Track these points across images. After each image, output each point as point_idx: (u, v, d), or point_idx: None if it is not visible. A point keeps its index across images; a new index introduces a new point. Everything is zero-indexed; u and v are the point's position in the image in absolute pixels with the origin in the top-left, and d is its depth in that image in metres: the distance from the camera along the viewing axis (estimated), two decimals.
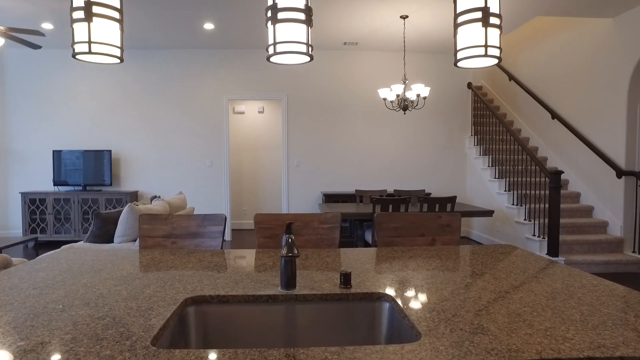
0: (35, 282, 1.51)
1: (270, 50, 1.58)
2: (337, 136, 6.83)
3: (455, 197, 4.61)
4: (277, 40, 1.55)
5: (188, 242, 2.20)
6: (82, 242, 3.69)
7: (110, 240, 3.63)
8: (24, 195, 6.16)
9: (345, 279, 1.45)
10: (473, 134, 6.88)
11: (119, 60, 1.66)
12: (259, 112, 7.74)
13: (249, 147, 7.78)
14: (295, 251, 1.29)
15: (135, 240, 3.57)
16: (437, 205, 4.58)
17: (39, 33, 4.58)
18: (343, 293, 1.39)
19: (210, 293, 1.37)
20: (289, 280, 1.41)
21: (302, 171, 6.74)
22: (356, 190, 5.72)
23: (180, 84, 6.59)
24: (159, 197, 4.72)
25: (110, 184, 6.32)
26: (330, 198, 6.37)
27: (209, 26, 5.66)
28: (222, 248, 2.17)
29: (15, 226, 6.59)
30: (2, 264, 3.19)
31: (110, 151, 6.28)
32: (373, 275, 1.58)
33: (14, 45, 6.39)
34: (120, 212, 3.71)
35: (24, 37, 5.87)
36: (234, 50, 6.61)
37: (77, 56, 1.61)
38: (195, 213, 6.43)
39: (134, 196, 6.29)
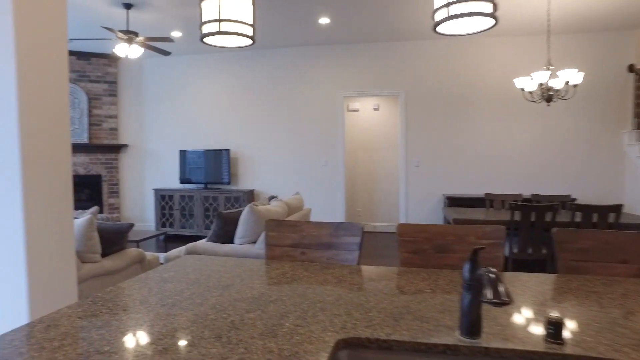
0: (163, 296, 1.34)
1: (442, 14, 1.19)
2: (461, 133, 6.17)
3: (621, 205, 3.73)
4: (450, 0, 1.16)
5: (319, 253, 1.92)
6: (204, 240, 3.71)
7: (230, 240, 3.59)
8: (156, 191, 6.67)
9: (555, 330, 1.00)
10: (635, 127, 5.68)
11: (250, 41, 1.42)
12: (374, 109, 7.40)
13: (364, 146, 7.48)
14: (506, 296, 0.88)
15: (254, 242, 3.46)
16: (596, 215, 3.76)
17: (169, 39, 4.80)
18: (556, 353, 0.95)
19: (367, 335, 1.04)
20: (473, 325, 1.02)
21: (422, 171, 6.23)
22: (486, 194, 5.04)
23: (295, 82, 6.55)
24: (276, 197, 4.64)
25: (229, 183, 6.52)
26: (453, 201, 5.77)
27: (324, 20, 5.47)
28: (358, 263, 1.85)
29: (149, 219, 7.19)
30: (138, 259, 3.30)
31: (228, 150, 6.48)
32: (586, 323, 1.11)
33: (150, 56, 6.95)
34: (240, 212, 3.65)
35: (157, 45, 6.32)
36: (350, 45, 6.36)
37: (205, 39, 1.40)
38: (311, 214, 6.32)
39: (250, 195, 6.41)
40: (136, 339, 1.03)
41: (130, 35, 4.72)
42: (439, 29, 1.25)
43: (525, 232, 3.76)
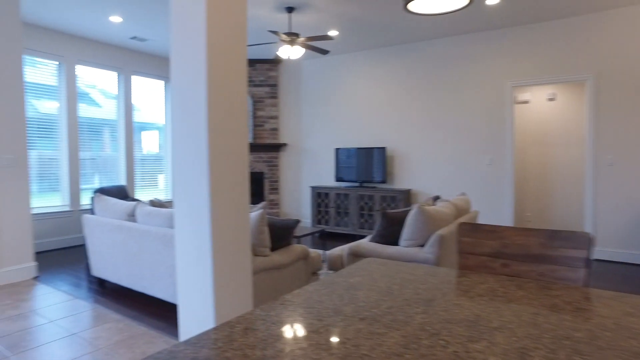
0: (357, 306, 1.16)
1: None
2: None
3: None
4: None
5: (527, 267, 1.54)
6: (366, 240, 3.57)
7: (394, 241, 3.37)
8: (313, 189, 6.89)
9: None
10: None
11: (467, 2, 1.14)
12: (549, 99, 6.39)
13: (535, 141, 6.53)
14: None
15: (422, 245, 3.18)
16: None
17: (328, 37, 4.83)
18: None
19: None
20: None
21: (616, 172, 5.11)
22: None
23: (455, 75, 6.03)
24: (440, 197, 4.26)
25: (384, 182, 6.35)
26: None
27: (492, 1, 4.86)
28: (586, 285, 1.42)
29: (305, 216, 7.50)
30: (303, 255, 3.31)
31: (384, 148, 6.31)
32: None
33: (308, 57, 7.23)
34: (406, 213, 3.40)
35: (317, 45, 6.50)
36: (520, 27, 5.57)
37: (409, 5, 1.17)
38: (478, 217, 5.75)
39: (406, 194, 6.13)
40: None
41: (292, 36, 4.89)
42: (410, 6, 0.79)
43: None
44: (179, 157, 2.33)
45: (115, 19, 5.27)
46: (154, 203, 3.72)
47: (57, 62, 5.84)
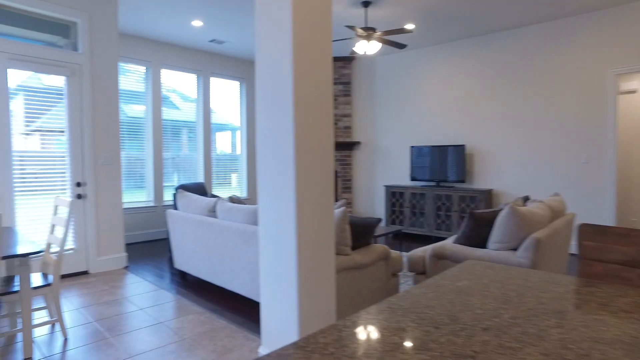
0: (474, 314, 1.01)
1: None
2: None
3: None
4: None
5: None
6: (451, 241, 3.34)
7: (481, 243, 3.12)
8: (387, 188, 6.71)
9: None
10: None
11: None
12: None
13: None
14: None
15: (514, 249, 2.90)
16: None
17: (406, 30, 4.63)
18: None
19: None
20: None
21: None
22: None
23: (543, 65, 5.53)
24: (529, 197, 3.91)
25: (463, 181, 6.00)
26: None
27: None
28: None
29: (379, 215, 7.33)
30: (384, 255, 3.18)
31: (463, 146, 5.96)
32: None
33: (382, 53, 7.06)
34: (495, 213, 3.14)
35: (394, 39, 6.32)
36: (623, 7, 4.96)
37: None
38: (574, 220, 5.24)
39: (488, 194, 5.74)
40: None
41: (369, 31, 4.77)
42: None
43: None
44: (264, 154, 2.31)
45: (197, 23, 5.49)
46: (233, 199, 3.79)
47: (145, 67, 6.22)
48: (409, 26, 5.68)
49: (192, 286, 4.07)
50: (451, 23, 5.57)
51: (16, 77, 4.06)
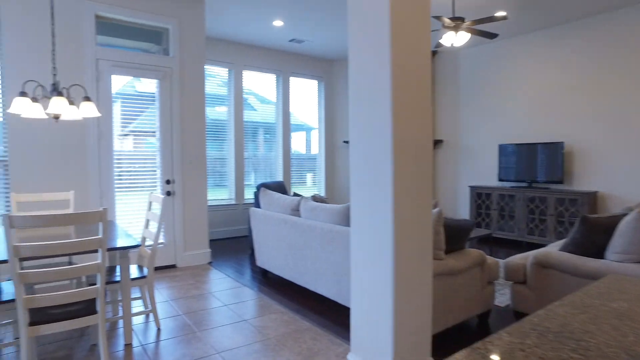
0: None
1: None
2: None
3: None
4: None
5: None
6: (554, 248, 2.98)
7: (596, 253, 2.73)
8: (472, 188, 6.29)
9: None
10: None
11: None
12: None
13: None
14: None
15: None
16: None
17: (496, 18, 4.26)
18: None
19: None
20: None
21: None
22: None
23: None
24: None
25: (561, 182, 5.43)
26: None
27: None
28: None
29: (462, 217, 6.92)
30: (479, 261, 2.92)
31: (561, 143, 5.39)
32: None
33: (468, 46, 6.64)
34: (614, 219, 2.73)
35: (483, 28, 5.91)
36: None
37: None
38: None
39: (592, 197, 5.12)
40: None
41: (457, 21, 4.46)
42: None
43: None
44: (358, 153, 2.18)
45: (277, 23, 5.54)
46: (316, 198, 3.72)
47: (227, 69, 6.43)
48: (500, 14, 5.26)
49: (273, 285, 4.07)
50: (548, 7, 5.06)
51: (114, 84, 4.35)
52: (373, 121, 2.09)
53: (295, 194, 4.62)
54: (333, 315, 3.27)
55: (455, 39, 4.58)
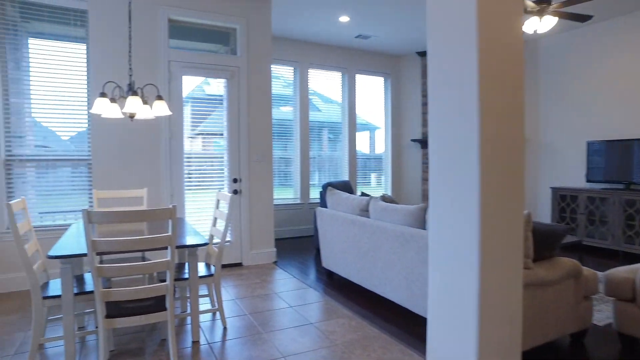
0: None
1: None
2: None
3: None
4: None
5: None
6: None
7: None
8: (554, 190, 5.73)
9: None
10: None
11: None
12: None
13: None
14: None
15: None
16: None
17: None
18: None
19: None
20: None
21: None
22: None
23: None
24: None
25: None
26: None
27: None
28: None
29: (543, 222, 6.33)
30: (573, 272, 2.57)
31: None
32: None
33: (548, 32, 6.07)
34: None
35: (572, 10, 5.36)
36: None
37: None
38: None
39: None
40: None
41: (542, 4, 4.04)
42: None
43: None
44: (438, 150, 1.98)
45: (343, 18, 5.41)
46: (386, 199, 3.53)
47: (292, 68, 6.41)
48: None
49: (339, 287, 3.94)
50: None
51: (185, 88, 4.46)
52: (456, 116, 1.87)
53: (363, 194, 4.45)
54: (403, 323, 3.07)
55: (539, 24, 4.17)
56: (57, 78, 3.93)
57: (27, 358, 2.53)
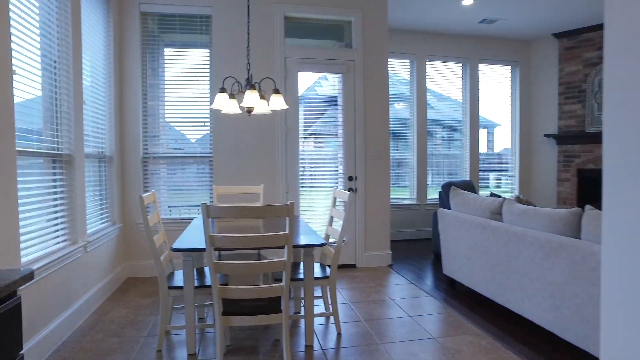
0: None
1: None
2: None
3: None
4: None
5: None
6: None
7: None
8: None
9: None
10: None
11: None
12: None
13: None
14: None
15: None
16: None
17: None
18: None
19: None
20: None
21: None
22: None
23: None
24: None
25: None
26: None
27: None
28: None
29: None
30: None
31: None
32: None
33: None
34: None
35: None
36: None
37: None
38: None
39: None
40: None
41: None
42: None
43: None
44: (620, 140, 1.52)
45: (467, 1, 4.91)
46: (521, 200, 3.03)
47: (408, 61, 6.06)
48: None
49: (462, 298, 3.52)
50: None
51: (299, 87, 4.43)
52: None
53: (493, 194, 3.94)
54: (548, 350, 2.56)
55: None
56: (185, 82, 4.20)
57: (156, 341, 2.66)
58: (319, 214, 4.47)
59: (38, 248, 2.53)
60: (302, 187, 4.43)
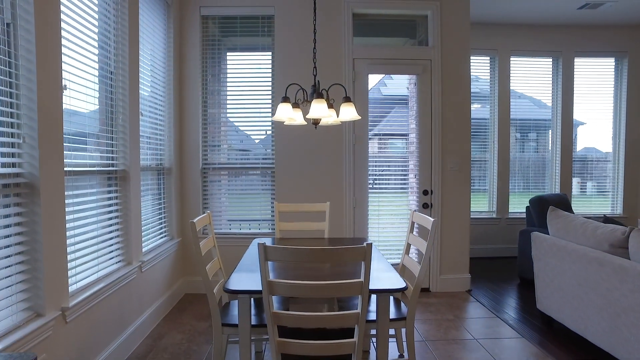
0: None
1: None
2: None
3: None
4: None
5: None
6: None
7: None
8: None
9: None
10: None
11: None
12: None
13: None
14: None
15: None
16: None
17: None
18: None
19: None
20: None
21: None
22: None
23: None
24: None
25: None
26: None
27: None
28: None
29: None
30: None
31: None
32: None
33: None
34: None
35: None
36: None
37: None
38: None
39: None
40: None
41: None
42: None
43: None
44: None
45: None
46: None
47: (489, 57, 5.40)
48: None
49: (564, 342, 2.92)
50: None
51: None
52: None
53: (607, 219, 3.26)
54: None
55: None
56: (246, 89, 3.94)
57: None
58: (387, 232, 4.02)
59: (89, 272, 2.36)
60: (371, 202, 4.00)
